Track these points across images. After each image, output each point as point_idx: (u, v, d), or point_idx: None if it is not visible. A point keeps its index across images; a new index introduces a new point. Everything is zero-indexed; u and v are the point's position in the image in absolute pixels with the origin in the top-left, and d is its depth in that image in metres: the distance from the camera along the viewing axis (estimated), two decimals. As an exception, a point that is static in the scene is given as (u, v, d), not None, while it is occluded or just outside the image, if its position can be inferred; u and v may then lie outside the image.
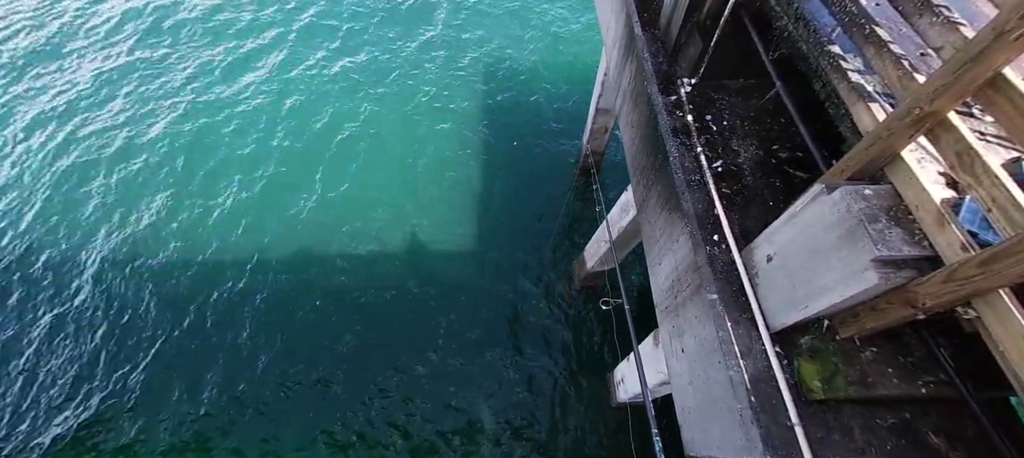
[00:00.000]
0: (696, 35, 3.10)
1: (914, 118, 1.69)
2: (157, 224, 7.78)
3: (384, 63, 9.95)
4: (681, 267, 2.79)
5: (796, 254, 2.11)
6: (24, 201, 8.05)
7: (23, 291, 7.24)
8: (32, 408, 6.39)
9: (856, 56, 2.25)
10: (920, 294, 1.71)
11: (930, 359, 2.14)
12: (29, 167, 8.41)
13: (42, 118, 9.02)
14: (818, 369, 2.18)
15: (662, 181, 3.09)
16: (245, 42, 10.21)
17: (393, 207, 8.05)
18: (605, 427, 6.33)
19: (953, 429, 2.15)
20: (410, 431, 6.28)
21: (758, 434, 2.08)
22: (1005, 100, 1.47)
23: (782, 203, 2.76)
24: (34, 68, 9.77)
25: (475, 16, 10.92)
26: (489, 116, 9.28)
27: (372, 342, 6.89)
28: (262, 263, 7.47)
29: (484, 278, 7.46)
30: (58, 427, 6.24)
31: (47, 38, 10.29)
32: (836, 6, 2.21)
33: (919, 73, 1.82)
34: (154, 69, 9.73)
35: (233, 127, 8.86)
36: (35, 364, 6.69)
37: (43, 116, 9.04)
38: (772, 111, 3.21)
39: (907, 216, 1.83)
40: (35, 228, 7.78)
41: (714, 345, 2.37)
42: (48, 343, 6.84)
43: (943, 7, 1.72)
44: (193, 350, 6.77)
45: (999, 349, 1.59)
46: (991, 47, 1.42)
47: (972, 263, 1.52)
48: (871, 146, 1.87)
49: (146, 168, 8.36)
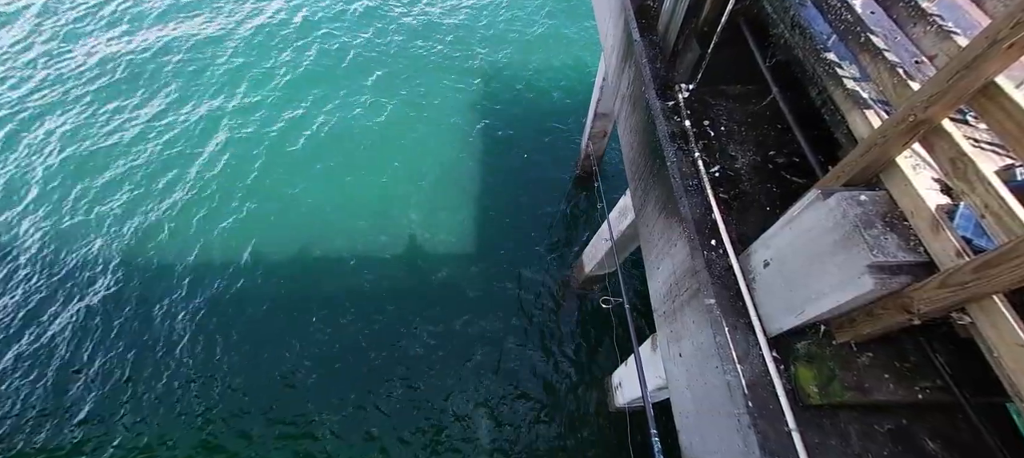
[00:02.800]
0: (694, 41, 3.12)
1: (909, 125, 1.71)
2: (152, 230, 7.77)
3: (380, 66, 9.98)
4: (679, 272, 2.80)
5: (793, 259, 2.12)
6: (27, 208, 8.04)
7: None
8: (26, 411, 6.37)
9: (852, 63, 2.27)
10: (915, 300, 1.71)
11: (926, 365, 2.14)
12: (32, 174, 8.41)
13: (42, 121, 9.02)
14: (815, 374, 2.18)
15: (660, 186, 3.11)
16: (243, 46, 10.23)
17: (391, 211, 8.05)
18: (603, 432, 6.31)
19: (949, 435, 2.15)
20: (405, 433, 6.26)
21: (755, 439, 2.08)
22: (997, 108, 1.48)
23: (779, 208, 2.78)
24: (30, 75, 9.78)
25: (476, 22, 10.97)
26: (488, 120, 9.31)
27: (368, 344, 6.87)
28: (258, 266, 7.46)
29: (481, 282, 7.46)
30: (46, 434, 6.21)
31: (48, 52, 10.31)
32: (832, 14, 2.23)
33: (914, 80, 1.83)
34: (149, 74, 9.74)
35: (229, 133, 8.86)
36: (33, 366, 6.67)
37: (43, 120, 9.05)
38: (769, 117, 3.23)
39: (902, 222, 1.84)
40: (39, 236, 7.76)
41: (711, 350, 2.38)
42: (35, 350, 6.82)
43: (937, 16, 1.75)
44: (184, 352, 6.74)
45: (994, 355, 1.60)
46: (984, 55, 1.44)
47: (966, 269, 1.53)
48: (866, 152, 1.89)
49: (136, 172, 8.36)
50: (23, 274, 7.37)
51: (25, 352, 6.74)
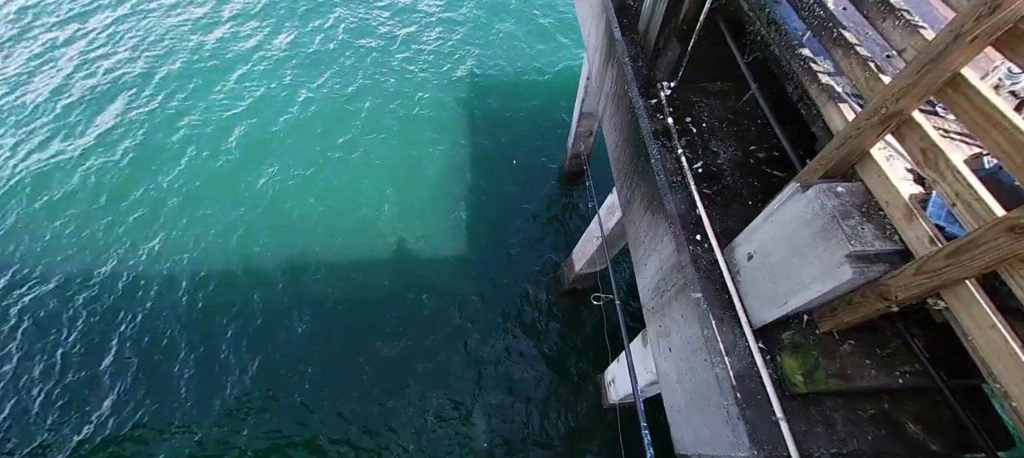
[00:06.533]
0: (674, 40, 3.16)
1: (881, 117, 1.75)
2: (145, 238, 7.59)
3: (363, 75, 9.90)
4: (666, 267, 2.83)
5: (775, 251, 2.16)
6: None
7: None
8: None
9: (826, 59, 2.32)
10: (892, 287, 1.76)
11: (905, 350, 2.20)
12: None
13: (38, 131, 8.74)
14: (800, 364, 2.23)
15: (645, 183, 3.14)
16: (235, 51, 10.06)
17: (383, 214, 8.00)
18: (596, 428, 6.34)
19: (930, 417, 2.21)
20: (398, 434, 6.22)
21: (744, 430, 2.11)
22: (964, 99, 1.53)
23: (761, 202, 2.82)
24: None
25: (464, 26, 10.96)
26: (476, 122, 9.30)
27: (359, 346, 6.82)
28: (251, 272, 7.35)
29: (471, 283, 7.45)
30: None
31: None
32: (805, 11, 2.28)
33: (885, 74, 1.88)
34: (140, 87, 9.52)
35: (222, 140, 8.71)
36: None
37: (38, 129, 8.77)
38: (749, 112, 3.29)
39: (878, 212, 1.89)
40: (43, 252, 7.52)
41: (700, 343, 2.41)
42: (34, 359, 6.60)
43: (905, 10, 1.79)
44: (181, 359, 6.60)
45: (968, 338, 1.65)
46: (949, 48, 1.48)
47: (940, 256, 1.58)
48: (842, 145, 1.93)
49: (130, 182, 8.16)
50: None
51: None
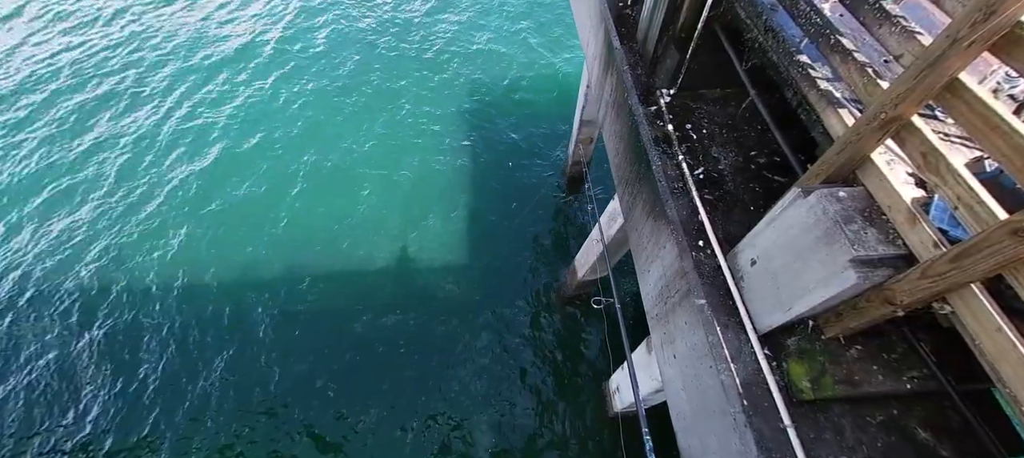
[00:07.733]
0: (672, 47, 3.19)
1: (880, 122, 1.76)
2: (139, 249, 7.62)
3: (363, 84, 9.99)
4: (669, 273, 2.83)
5: (778, 257, 2.15)
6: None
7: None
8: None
9: (824, 65, 2.33)
10: (897, 292, 1.75)
11: (912, 355, 2.18)
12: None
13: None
14: (806, 370, 2.21)
15: (646, 189, 3.14)
16: (230, 61, 10.18)
17: (382, 223, 8.02)
18: (601, 437, 6.28)
19: (940, 423, 2.19)
20: (401, 444, 6.17)
21: (752, 437, 2.09)
22: (962, 103, 1.54)
23: (763, 207, 2.82)
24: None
25: (461, 32, 11.07)
26: (476, 131, 9.36)
27: (360, 357, 6.80)
28: (249, 282, 7.35)
29: (473, 291, 7.44)
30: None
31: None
32: (802, 18, 2.30)
33: (883, 79, 1.89)
34: (134, 94, 9.63)
35: (216, 152, 8.78)
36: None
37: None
38: (749, 118, 3.30)
39: (881, 216, 1.89)
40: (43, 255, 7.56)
41: (704, 350, 2.40)
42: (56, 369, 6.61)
43: (901, 17, 1.81)
44: (175, 374, 6.59)
45: (975, 342, 1.64)
46: (946, 54, 1.49)
47: (944, 259, 1.57)
48: (842, 150, 1.94)
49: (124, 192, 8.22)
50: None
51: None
